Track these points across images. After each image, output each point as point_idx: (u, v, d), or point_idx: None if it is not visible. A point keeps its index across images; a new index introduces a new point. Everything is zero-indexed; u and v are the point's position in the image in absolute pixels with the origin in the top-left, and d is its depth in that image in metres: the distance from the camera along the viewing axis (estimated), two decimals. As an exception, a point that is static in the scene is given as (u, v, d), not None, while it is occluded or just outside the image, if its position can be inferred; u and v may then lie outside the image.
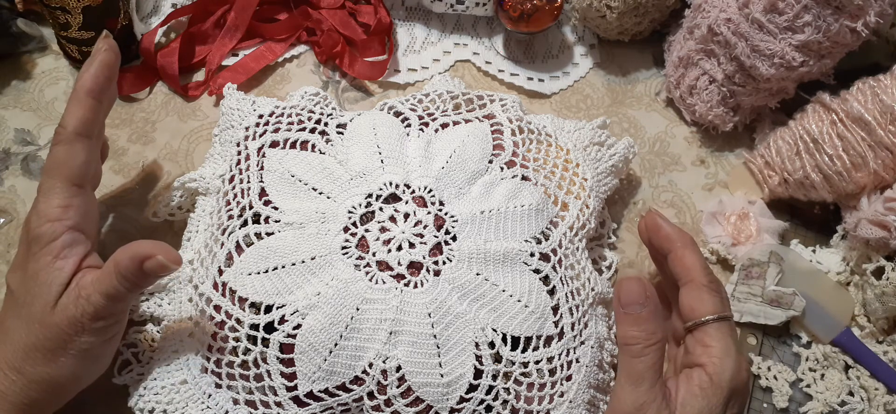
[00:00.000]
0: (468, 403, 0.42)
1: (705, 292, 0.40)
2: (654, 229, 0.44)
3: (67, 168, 0.41)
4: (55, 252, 0.39)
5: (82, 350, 0.39)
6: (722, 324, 0.40)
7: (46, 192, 0.40)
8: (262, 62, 0.61)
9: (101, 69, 0.42)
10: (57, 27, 0.57)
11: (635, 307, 0.39)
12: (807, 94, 0.56)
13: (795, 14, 0.51)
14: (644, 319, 0.39)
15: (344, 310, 0.41)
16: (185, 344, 0.44)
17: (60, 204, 0.40)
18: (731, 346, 0.39)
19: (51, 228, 0.40)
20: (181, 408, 0.43)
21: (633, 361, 0.39)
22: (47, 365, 0.38)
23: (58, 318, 0.38)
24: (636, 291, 0.39)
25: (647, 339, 0.38)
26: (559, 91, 0.63)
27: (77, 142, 0.41)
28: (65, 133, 0.41)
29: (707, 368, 0.39)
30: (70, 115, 0.41)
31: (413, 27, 0.65)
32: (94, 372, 0.41)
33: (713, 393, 0.38)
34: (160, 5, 0.64)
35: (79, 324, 0.38)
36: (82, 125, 0.41)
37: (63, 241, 0.40)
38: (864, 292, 0.52)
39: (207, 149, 0.54)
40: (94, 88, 0.42)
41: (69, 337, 0.38)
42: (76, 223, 0.40)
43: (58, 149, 0.41)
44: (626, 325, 0.39)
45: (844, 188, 0.52)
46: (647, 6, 0.60)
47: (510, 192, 0.47)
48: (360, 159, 0.47)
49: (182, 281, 0.46)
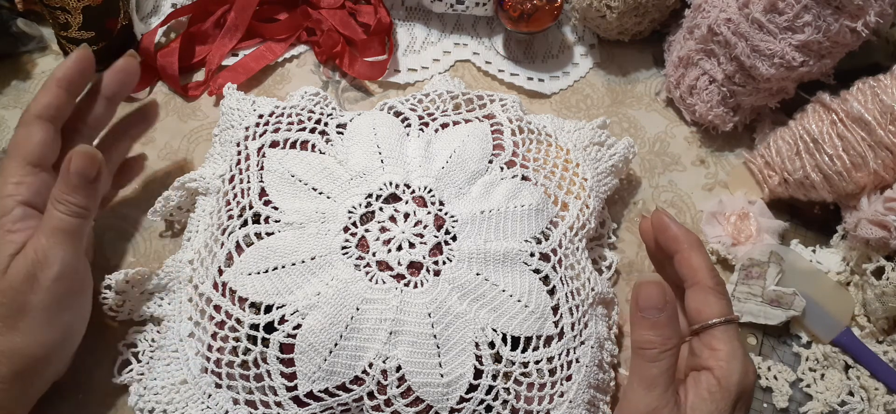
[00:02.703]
0: (468, 403, 0.42)
1: (712, 295, 0.40)
2: (662, 229, 0.43)
3: (22, 147, 0.42)
4: (7, 226, 0.41)
5: (41, 310, 0.39)
6: (728, 327, 0.39)
7: (2, 171, 0.42)
8: (262, 62, 0.61)
9: (74, 62, 0.44)
10: (57, 27, 0.57)
11: (653, 312, 0.38)
12: (807, 94, 0.56)
13: (795, 14, 0.51)
14: (662, 324, 0.38)
15: (344, 310, 0.41)
16: (185, 344, 0.44)
17: (14, 180, 0.42)
18: (738, 348, 0.39)
19: (3, 204, 0.41)
20: (181, 408, 0.43)
21: (648, 365, 0.38)
22: (10, 335, 0.39)
23: (10, 278, 0.39)
24: (656, 296, 0.38)
25: (664, 344, 0.38)
26: (559, 91, 0.63)
27: (35, 123, 0.42)
28: (26, 115, 0.43)
29: (715, 371, 0.39)
30: (34, 100, 0.43)
31: (413, 27, 0.65)
32: (65, 339, 0.41)
33: (721, 397, 0.38)
34: (160, 5, 0.64)
35: (31, 277, 0.39)
36: (43, 108, 0.43)
37: (14, 214, 0.41)
38: (864, 292, 0.52)
39: (207, 149, 0.54)
40: (64, 78, 0.43)
41: (24, 297, 0.39)
42: (28, 199, 0.42)
43: (17, 131, 0.43)
44: (642, 328, 0.39)
45: (844, 188, 0.52)
46: (647, 6, 0.60)
47: (510, 192, 0.47)
48: (360, 159, 0.47)
49: (182, 281, 0.46)
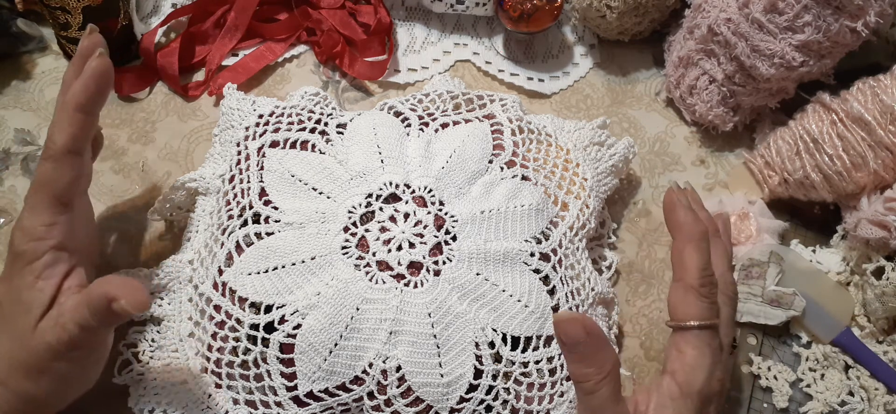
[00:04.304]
0: (468, 403, 0.42)
1: (693, 296, 0.39)
2: (669, 209, 0.42)
3: (54, 186, 0.39)
4: (37, 272, 0.38)
5: (61, 375, 0.38)
6: (703, 332, 0.39)
7: (32, 209, 0.39)
8: (262, 62, 0.61)
9: (92, 82, 0.39)
10: (57, 27, 0.57)
11: (578, 347, 0.37)
12: (807, 94, 0.56)
13: (795, 14, 0.51)
14: (590, 355, 0.37)
15: (344, 310, 0.41)
16: (185, 344, 0.44)
17: (44, 223, 0.39)
18: (706, 356, 0.39)
19: (33, 247, 0.38)
20: (181, 408, 0.43)
21: (589, 397, 0.37)
22: (28, 382, 0.38)
23: (36, 342, 0.37)
24: (574, 331, 0.37)
25: (598, 372, 0.37)
26: (559, 91, 0.63)
27: (65, 159, 0.39)
28: (54, 149, 0.39)
29: (676, 376, 0.38)
30: (60, 131, 0.39)
31: (413, 27, 0.65)
32: (78, 390, 0.41)
33: (682, 404, 0.38)
34: (160, 5, 0.64)
35: (55, 352, 0.37)
36: (72, 142, 0.39)
37: (44, 261, 0.39)
38: (864, 292, 0.52)
39: (207, 149, 0.54)
40: (86, 103, 0.39)
41: (46, 363, 0.37)
42: (59, 242, 0.39)
43: (46, 166, 0.39)
44: (574, 363, 0.38)
45: (844, 188, 0.52)
46: (647, 6, 0.59)
47: (510, 192, 0.47)
48: (360, 159, 0.47)
49: (182, 281, 0.46)
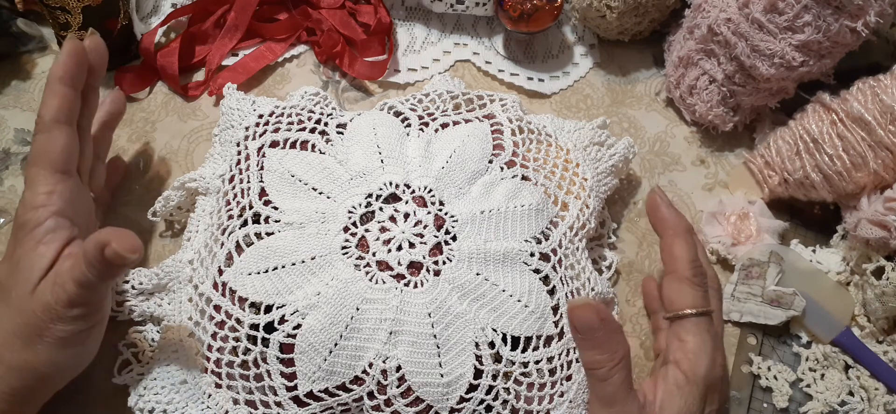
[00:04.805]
0: (468, 403, 0.42)
1: (687, 286, 0.41)
2: (652, 209, 0.45)
3: (48, 155, 0.41)
4: (39, 238, 0.39)
5: (59, 338, 0.38)
6: (700, 319, 0.40)
7: (30, 182, 0.41)
8: (262, 62, 0.61)
9: (68, 56, 0.42)
10: (57, 27, 0.57)
11: (591, 333, 0.38)
12: (807, 94, 0.56)
13: (795, 14, 0.51)
14: (603, 341, 0.38)
15: (344, 310, 0.41)
16: (185, 344, 0.44)
17: (44, 190, 0.40)
18: (707, 342, 0.40)
19: (35, 215, 0.40)
20: (181, 408, 0.43)
21: (602, 384, 0.38)
22: (25, 351, 0.38)
23: (34, 303, 0.38)
24: (589, 317, 0.38)
25: (611, 359, 0.38)
26: (559, 91, 0.63)
27: (54, 128, 0.41)
28: (42, 122, 0.41)
29: (681, 365, 0.39)
30: (45, 105, 0.42)
31: (413, 27, 0.65)
32: (76, 362, 0.41)
33: (689, 390, 0.39)
34: (160, 5, 0.64)
35: (53, 311, 0.38)
36: (58, 112, 0.42)
37: (46, 226, 0.40)
38: (864, 292, 0.52)
39: (207, 149, 0.54)
40: (65, 75, 0.42)
41: (44, 324, 0.38)
42: (60, 209, 0.40)
43: (38, 138, 0.41)
44: (586, 350, 0.39)
45: (844, 188, 0.52)
46: (647, 6, 0.59)
47: (510, 192, 0.47)
48: (360, 159, 0.47)
49: (182, 281, 0.46)
